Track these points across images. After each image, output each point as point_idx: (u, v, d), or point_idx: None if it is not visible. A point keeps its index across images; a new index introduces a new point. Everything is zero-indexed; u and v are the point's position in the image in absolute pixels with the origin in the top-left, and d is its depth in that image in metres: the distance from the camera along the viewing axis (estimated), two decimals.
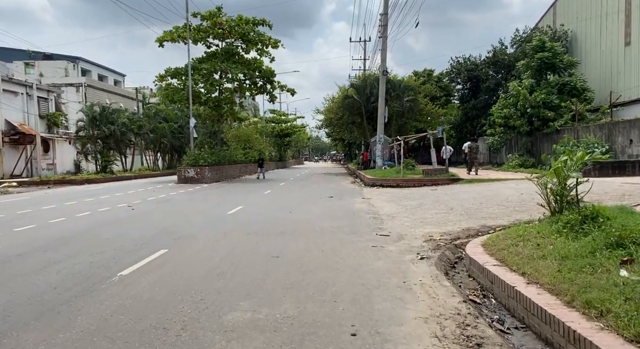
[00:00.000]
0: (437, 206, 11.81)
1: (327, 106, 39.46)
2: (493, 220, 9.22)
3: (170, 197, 16.67)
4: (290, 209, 12.52)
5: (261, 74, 28.55)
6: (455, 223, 9.23)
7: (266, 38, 27.44)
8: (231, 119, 32.62)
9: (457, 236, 8.19)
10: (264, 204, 14.00)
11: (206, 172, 25.05)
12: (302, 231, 8.91)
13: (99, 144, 35.16)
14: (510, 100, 28.64)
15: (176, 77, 27.81)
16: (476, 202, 11.71)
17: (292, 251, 7.11)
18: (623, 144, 21.01)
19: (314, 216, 11.03)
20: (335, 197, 15.83)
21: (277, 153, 62.91)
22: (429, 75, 48.39)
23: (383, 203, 13.40)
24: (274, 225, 9.65)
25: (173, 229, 9.20)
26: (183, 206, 13.76)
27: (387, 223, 9.70)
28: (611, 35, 28.20)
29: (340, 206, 12.95)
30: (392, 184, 19.39)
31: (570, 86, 27.25)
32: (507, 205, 10.86)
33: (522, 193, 12.43)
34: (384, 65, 27.13)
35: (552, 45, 27.92)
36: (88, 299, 4.83)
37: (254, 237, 8.27)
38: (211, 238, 8.19)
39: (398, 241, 7.93)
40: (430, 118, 38.71)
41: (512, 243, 6.14)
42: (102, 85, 50.00)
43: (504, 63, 34.26)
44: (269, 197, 16.70)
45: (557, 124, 26.08)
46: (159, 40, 27.35)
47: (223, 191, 20.17)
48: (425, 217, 10.23)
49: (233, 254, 6.92)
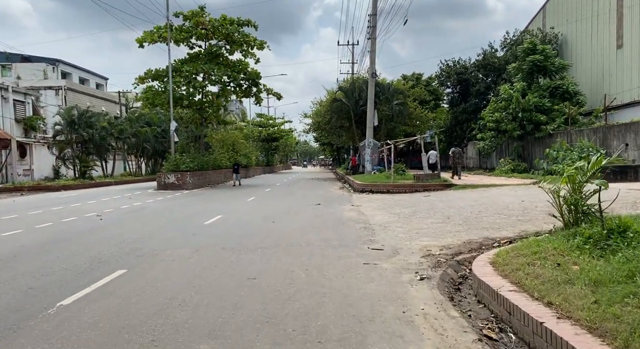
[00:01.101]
0: (433, 214, 10.94)
1: (315, 109, 38.62)
2: (496, 231, 8.36)
3: (145, 206, 15.58)
4: (274, 218, 11.57)
5: (246, 76, 27.57)
6: (454, 235, 8.36)
7: (251, 39, 26.49)
8: (215, 122, 31.50)
9: (458, 250, 7.31)
10: (245, 213, 13.01)
11: (188, 178, 23.91)
12: (285, 245, 7.96)
13: (78, 148, 33.78)
14: (501, 103, 28.06)
15: (157, 79, 26.69)
16: (474, 211, 10.87)
17: (272, 271, 6.16)
18: (618, 148, 20.43)
19: (299, 226, 10.08)
20: (322, 204, 14.91)
21: (265, 158, 61.82)
22: (418, 79, 47.86)
23: (374, 211, 12.52)
24: (254, 238, 8.68)
25: (139, 244, 8.18)
26: (157, 216, 12.71)
27: (380, 234, 8.80)
28: (602, 38, 27.81)
29: (328, 215, 12.02)
30: (383, 190, 18.55)
31: (562, 89, 26.77)
32: (508, 214, 10.03)
33: (522, 200, 11.64)
34: (373, 68, 26.36)
35: (543, 48, 27.45)
36: (2, 346, 3.81)
37: (230, 253, 7.29)
38: (180, 255, 7.19)
39: (393, 256, 7.02)
40: (420, 122, 38.09)
41: (527, 262, 5.26)
42: (83, 88, 48.48)
43: (494, 66, 33.75)
44: (252, 204, 15.70)
45: (549, 128, 25.53)
46: (139, 41, 26.25)
47: (204, 198, 19.11)
48: (421, 227, 9.35)
49: (202, 276, 5.94)
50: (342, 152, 62.14)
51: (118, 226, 10.72)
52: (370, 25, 25.86)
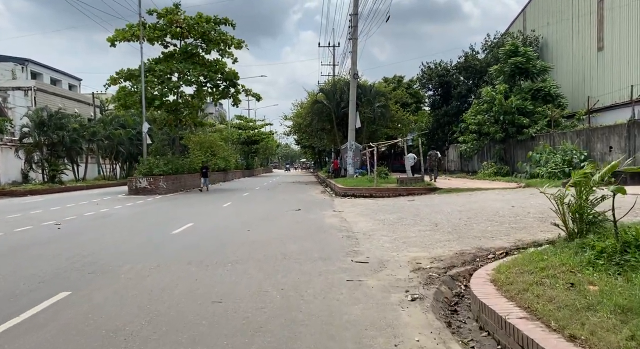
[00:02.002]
0: (419, 221, 10.27)
1: (296, 111, 37.81)
2: (489, 240, 7.71)
3: (112, 212, 14.53)
4: (250, 225, 10.73)
5: (224, 77, 26.59)
6: (444, 244, 7.67)
7: (228, 37, 25.54)
8: (192, 124, 30.40)
9: (450, 262, 6.62)
10: (219, 220, 12.12)
11: (161, 182, 22.78)
12: (260, 257, 7.15)
13: (47, 151, 32.25)
14: (483, 106, 27.74)
15: (130, 79, 25.52)
16: (463, 217, 10.22)
17: (242, 291, 5.35)
18: (602, 151, 20.19)
19: (276, 235, 9.28)
20: (303, 209, 14.13)
21: (244, 161, 60.63)
22: (399, 82, 47.57)
23: (357, 217, 11.79)
24: (226, 250, 7.85)
25: (94, 258, 7.26)
26: (121, 224, 11.72)
27: (364, 244, 8.07)
28: (583, 41, 27.79)
29: (309, 222, 11.25)
30: (365, 194, 17.87)
31: (545, 92, 26.57)
32: (500, 220, 9.40)
33: (512, 205, 11.06)
34: (354, 68, 25.72)
35: (525, 50, 27.26)
36: None
37: (196, 269, 6.45)
38: (138, 272, 6.31)
39: (379, 270, 6.29)
40: (401, 125, 37.66)
41: (534, 280, 4.58)
42: (54, 89, 46.75)
43: (476, 68, 33.52)
44: (227, 210, 14.80)
45: (532, 131, 25.26)
46: (110, 40, 25.06)
47: (177, 203, 18.09)
48: (408, 236, 8.64)
49: (159, 299, 5.09)
50: (323, 155, 61.45)
51: (76, 236, 9.73)
52: (352, 25, 25.24)
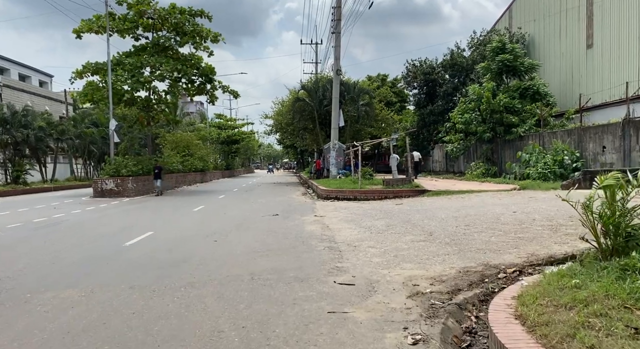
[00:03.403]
0: (411, 228, 9.07)
1: (277, 109, 36.44)
2: (496, 254, 6.54)
3: (67, 218, 12.99)
4: (218, 235, 9.41)
5: (200, 72, 25.08)
6: (443, 259, 6.49)
7: (204, 30, 24.05)
8: (165, 122, 28.78)
9: (454, 284, 5.43)
10: (184, 229, 10.74)
11: (129, 183, 21.15)
12: (222, 279, 5.85)
13: (10, 151, 30.24)
14: (470, 104, 26.84)
15: (98, 73, 23.83)
16: (460, 224, 9.06)
17: (190, 331, 4.06)
18: (595, 151, 19.39)
19: (246, 247, 7.98)
20: (281, 215, 12.84)
21: (224, 161, 58.88)
22: (383, 81, 46.59)
23: (340, 223, 10.56)
24: (182, 268, 6.52)
25: (14, 281, 5.85)
26: (70, 233, 10.23)
27: (349, 258, 6.83)
28: (572, 38, 27.11)
29: (286, 230, 9.97)
30: (349, 197, 16.67)
31: (533, 90, 25.77)
32: (503, 229, 8.26)
33: (514, 211, 9.94)
34: (337, 64, 24.51)
35: (513, 47, 26.43)
36: None
37: (137, 297, 5.11)
38: (60, 302, 4.95)
39: (368, 295, 5.07)
40: (385, 125, 36.63)
41: (579, 321, 3.41)
42: (22, 85, 44.38)
43: (462, 66, 32.64)
44: (196, 216, 13.40)
45: (520, 130, 24.42)
46: (76, 32, 23.34)
47: (143, 207, 16.57)
48: (399, 247, 7.44)
49: (75, 345, 3.76)
50: (305, 155, 60.16)
51: (6, 250, 8.25)
52: (334, 18, 24.03)
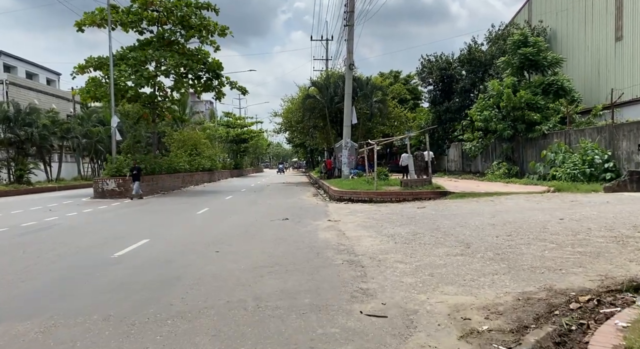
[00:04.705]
0: (442, 238, 7.85)
1: (286, 106, 35.30)
2: (558, 275, 5.31)
3: (58, 222, 11.95)
4: (221, 244, 8.29)
5: (206, 67, 24.02)
6: (492, 281, 5.27)
7: (210, 23, 22.97)
8: (171, 120, 27.78)
9: (516, 318, 4.21)
10: (185, 235, 9.62)
11: (131, 183, 20.16)
12: (220, 307, 4.70)
13: (13, 149, 29.50)
14: (490, 101, 25.49)
15: (100, 68, 22.88)
16: (500, 233, 7.82)
17: None
18: (629, 150, 17.96)
19: (252, 260, 6.84)
20: (291, 219, 11.70)
21: (233, 160, 57.88)
22: (396, 77, 45.33)
23: (358, 230, 9.38)
24: (175, 290, 5.38)
25: None
26: (56, 241, 9.13)
27: (374, 277, 5.65)
28: (598, 31, 25.60)
29: (298, 237, 8.81)
30: (365, 199, 15.48)
31: (557, 86, 24.34)
32: (555, 241, 7.01)
33: (561, 218, 8.65)
34: (350, 58, 23.30)
35: (536, 40, 25.02)
36: None
37: (112, 333, 3.97)
38: (9, 341, 3.83)
39: (407, 335, 3.89)
40: (398, 123, 35.33)
41: None
42: (29, 83, 43.79)
43: (481, 61, 31.20)
44: (200, 220, 12.30)
45: (544, 128, 23.02)
46: (78, 25, 22.42)
47: (142, 210, 15.47)
48: (433, 263, 6.23)
49: None
50: (316, 154, 58.96)
51: None
52: (347, 10, 22.82)
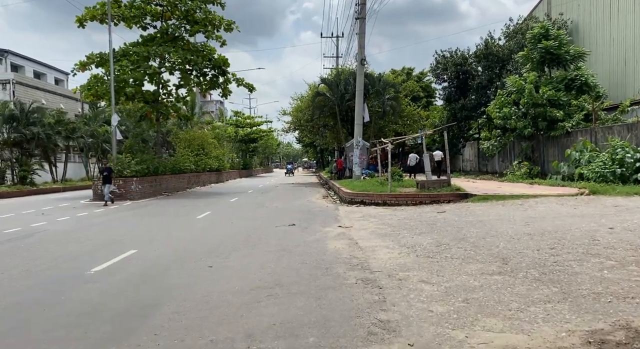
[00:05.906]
0: (472, 251, 6.74)
1: (295, 105, 34.30)
2: (634, 306, 4.18)
3: (44, 228, 11.00)
4: (217, 255, 7.27)
5: (212, 63, 23.08)
6: (547, 311, 4.16)
7: (216, 17, 22.03)
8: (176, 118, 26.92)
9: None
10: (178, 243, 8.62)
11: (133, 185, 19.24)
12: (201, 347, 3.66)
13: (17, 149, 28.89)
14: (509, 98, 24.20)
15: (102, 65, 22.07)
16: (542, 246, 6.69)
17: None
18: None
19: (249, 279, 5.80)
20: (298, 224, 10.66)
21: (241, 160, 57.02)
22: (409, 74, 44.09)
23: (373, 239, 8.31)
24: (148, 322, 4.35)
25: None
26: (33, 251, 8.17)
27: (395, 302, 4.57)
28: (625, 22, 24.20)
29: (304, 248, 7.76)
30: (378, 202, 14.39)
31: (580, 82, 22.95)
32: (611, 256, 5.87)
33: (610, 227, 7.49)
34: (362, 53, 22.19)
35: (557, 33, 23.66)
36: None
37: None
38: None
39: None
40: (411, 121, 34.10)
41: None
42: (37, 83, 43.37)
43: (498, 56, 29.87)
44: (198, 226, 11.30)
45: (567, 126, 21.69)
46: (79, 20, 21.63)
47: (140, 213, 14.48)
48: (467, 284, 5.13)
49: None
50: (326, 154, 57.88)
51: None
52: (359, 2, 21.72)
